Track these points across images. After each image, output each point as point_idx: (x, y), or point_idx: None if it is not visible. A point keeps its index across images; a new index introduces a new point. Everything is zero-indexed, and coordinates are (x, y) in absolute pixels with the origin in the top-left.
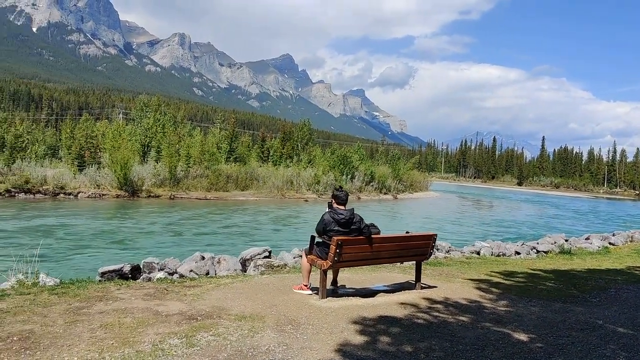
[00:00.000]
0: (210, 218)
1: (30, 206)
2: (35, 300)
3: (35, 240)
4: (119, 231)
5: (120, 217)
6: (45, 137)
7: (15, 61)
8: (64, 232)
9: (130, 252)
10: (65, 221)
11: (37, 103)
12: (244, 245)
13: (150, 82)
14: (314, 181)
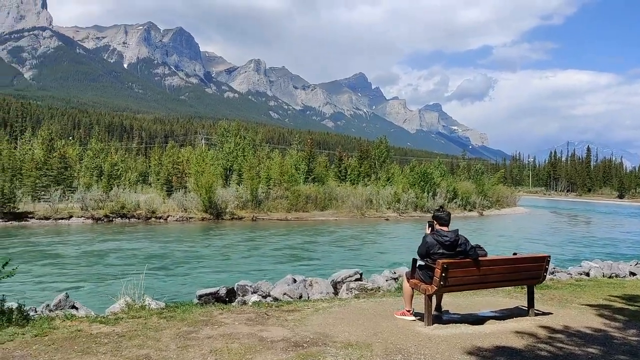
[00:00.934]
0: (292, 239)
1: (126, 230)
2: (146, 324)
3: (136, 262)
4: (207, 253)
5: (206, 239)
6: (136, 164)
7: (109, 95)
8: (156, 254)
9: (221, 274)
10: (157, 244)
11: (129, 133)
12: (328, 265)
13: (229, 108)
14: (393, 199)
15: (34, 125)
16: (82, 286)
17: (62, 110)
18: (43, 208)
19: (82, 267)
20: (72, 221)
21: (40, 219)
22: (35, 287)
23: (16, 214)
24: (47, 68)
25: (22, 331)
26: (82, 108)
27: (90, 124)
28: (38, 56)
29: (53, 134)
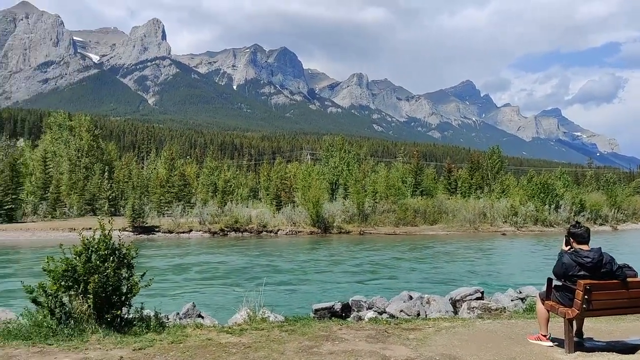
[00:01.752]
0: (401, 253)
1: (240, 243)
2: (269, 337)
3: (251, 274)
4: (316, 267)
5: (315, 253)
6: (247, 180)
7: (220, 116)
8: (268, 267)
9: (331, 287)
10: (268, 257)
11: (239, 151)
12: (442, 281)
13: (333, 123)
14: (510, 213)
15: (157, 147)
16: (204, 296)
17: (180, 131)
18: (167, 222)
19: (203, 278)
20: (192, 235)
21: (165, 232)
22: (165, 296)
23: (145, 227)
24: (167, 93)
25: (160, 338)
26: (198, 129)
27: (205, 143)
28: (159, 83)
29: (174, 154)
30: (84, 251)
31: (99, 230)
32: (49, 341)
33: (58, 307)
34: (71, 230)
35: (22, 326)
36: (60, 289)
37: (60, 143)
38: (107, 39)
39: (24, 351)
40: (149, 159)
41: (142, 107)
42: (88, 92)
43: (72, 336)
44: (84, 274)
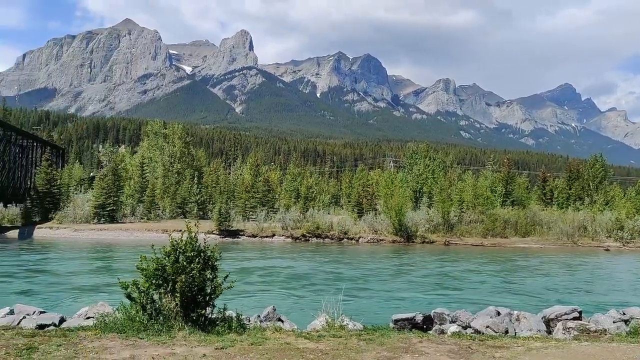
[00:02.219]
0: (489, 266)
1: (321, 249)
2: (347, 345)
3: (331, 280)
4: (396, 276)
5: (396, 262)
6: (329, 187)
7: (304, 124)
8: (348, 274)
9: (411, 298)
10: (348, 264)
11: (322, 157)
12: (534, 297)
13: (417, 130)
14: (615, 226)
15: (243, 153)
16: (284, 300)
17: (265, 139)
18: (251, 226)
19: (284, 282)
20: (275, 239)
21: (249, 236)
22: (247, 298)
23: (230, 231)
24: (253, 102)
25: (240, 339)
26: (282, 136)
27: (289, 150)
28: (246, 92)
29: (258, 160)
30: (172, 252)
31: (187, 233)
32: (140, 335)
33: (149, 303)
34: (164, 231)
35: (117, 319)
36: (151, 286)
37: (155, 149)
38: (199, 51)
39: (118, 343)
40: (236, 165)
41: (230, 116)
42: (181, 102)
43: (161, 331)
44: (172, 273)
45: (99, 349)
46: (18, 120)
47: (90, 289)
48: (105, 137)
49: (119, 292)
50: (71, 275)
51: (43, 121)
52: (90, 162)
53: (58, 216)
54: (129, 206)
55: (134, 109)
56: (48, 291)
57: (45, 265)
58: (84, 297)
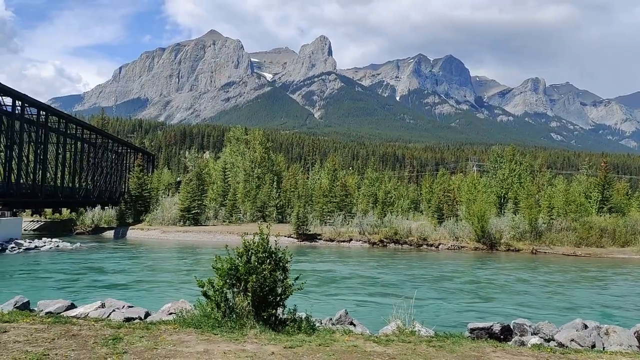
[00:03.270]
0: (580, 278)
1: (398, 255)
2: (415, 350)
3: (407, 287)
4: (477, 285)
5: (478, 270)
6: (408, 192)
7: (383, 128)
8: (426, 281)
9: (490, 307)
10: (427, 271)
11: (401, 162)
12: (629, 311)
13: (503, 132)
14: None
15: (321, 158)
16: (358, 304)
17: (343, 143)
18: (328, 231)
19: (359, 287)
20: (352, 244)
21: (327, 240)
22: (321, 300)
23: (308, 235)
24: (332, 107)
25: (309, 339)
26: (360, 141)
27: (367, 154)
28: (325, 97)
29: (336, 165)
30: (244, 253)
31: (268, 235)
32: (214, 331)
33: (223, 301)
34: (244, 234)
35: (194, 316)
36: (225, 285)
37: (237, 155)
38: (279, 58)
39: (194, 338)
40: (314, 169)
41: (309, 121)
42: (262, 108)
43: (233, 329)
44: (244, 273)
45: (177, 342)
46: (114, 128)
47: (175, 286)
48: (191, 144)
49: (198, 290)
50: (158, 274)
51: (136, 129)
52: (177, 168)
53: (148, 218)
54: (212, 209)
55: (218, 116)
56: (137, 287)
57: (136, 264)
58: (170, 294)
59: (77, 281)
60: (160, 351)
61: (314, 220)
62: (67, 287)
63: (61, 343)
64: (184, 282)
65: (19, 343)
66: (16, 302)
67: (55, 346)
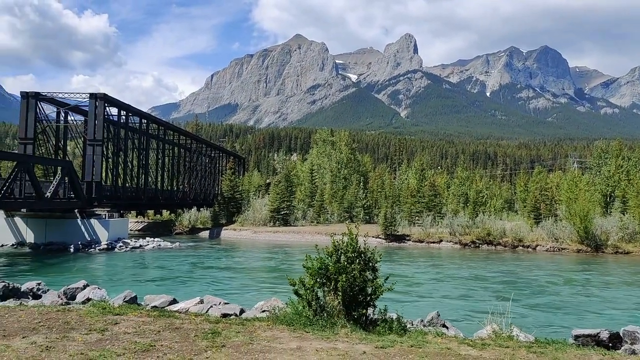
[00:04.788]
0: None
1: (492, 257)
2: (514, 356)
3: (501, 289)
4: (582, 289)
5: (580, 274)
6: (501, 191)
7: (473, 125)
8: (522, 284)
9: (594, 313)
10: (522, 274)
11: (493, 160)
12: None
13: (607, 126)
14: None
15: (408, 158)
16: (450, 306)
17: (431, 142)
18: (417, 231)
19: (450, 288)
20: (442, 245)
21: (415, 241)
22: (411, 302)
23: (396, 235)
24: (418, 105)
25: (401, 340)
26: (448, 139)
27: (456, 153)
28: (411, 96)
29: (424, 164)
30: (334, 252)
31: (358, 235)
32: (306, 329)
33: (314, 300)
34: (332, 234)
35: (286, 313)
36: (316, 284)
37: (324, 156)
38: (364, 58)
39: (287, 334)
40: (401, 169)
41: (395, 120)
42: (347, 110)
43: (325, 327)
44: (334, 272)
45: (271, 338)
46: (207, 134)
47: (266, 284)
48: (279, 146)
49: (289, 289)
50: (251, 272)
51: (227, 134)
52: (267, 170)
53: (240, 219)
54: (300, 210)
55: (304, 118)
56: (232, 285)
57: (230, 262)
58: (262, 292)
59: (177, 278)
60: (256, 346)
61: (401, 220)
62: (168, 283)
63: (166, 335)
64: (275, 280)
65: (129, 334)
66: (125, 296)
67: (160, 338)
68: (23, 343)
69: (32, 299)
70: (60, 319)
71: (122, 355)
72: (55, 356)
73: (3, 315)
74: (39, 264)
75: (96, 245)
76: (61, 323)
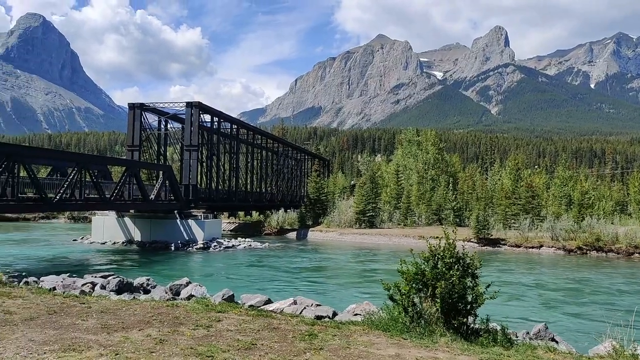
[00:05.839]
0: None
1: (602, 264)
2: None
3: (618, 302)
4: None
5: None
6: (611, 192)
7: (574, 120)
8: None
9: None
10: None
11: (600, 158)
12: None
13: None
14: None
15: (501, 157)
16: (556, 318)
17: (526, 140)
18: (513, 235)
19: (557, 298)
20: (543, 250)
21: (512, 246)
22: (510, 311)
23: (490, 239)
24: (511, 101)
25: (507, 353)
26: (546, 136)
27: (556, 151)
28: (502, 92)
29: (519, 164)
30: (431, 257)
31: (444, 239)
32: (403, 335)
33: (410, 306)
34: (420, 237)
35: (381, 319)
36: (412, 290)
37: (409, 157)
38: (450, 55)
39: (383, 340)
40: (493, 169)
41: (485, 118)
42: (433, 108)
43: (423, 335)
44: (431, 278)
45: (368, 344)
46: (292, 137)
47: (355, 287)
48: (363, 148)
49: (380, 293)
50: (339, 274)
51: (312, 136)
52: (351, 171)
53: (326, 220)
54: (386, 212)
55: (388, 119)
56: (321, 286)
57: (318, 264)
58: (352, 294)
59: (268, 278)
60: (353, 351)
61: (495, 224)
62: (260, 283)
63: (265, 334)
64: (363, 283)
65: (231, 332)
66: (224, 294)
67: (260, 337)
68: (140, 335)
69: (142, 294)
70: (170, 313)
71: (227, 352)
72: (168, 349)
73: (121, 308)
74: (146, 261)
75: (193, 244)
76: (171, 318)
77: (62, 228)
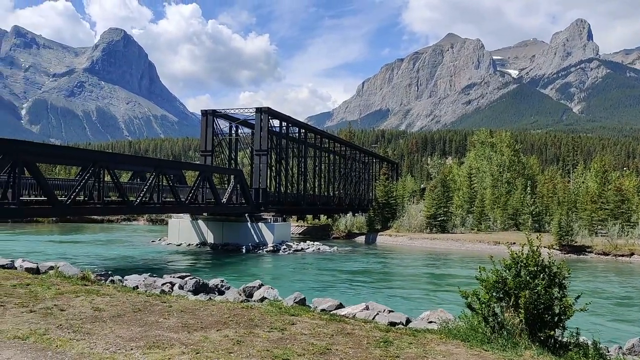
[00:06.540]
0: None
1: None
2: None
3: None
4: None
5: None
6: None
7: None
8: None
9: None
10: None
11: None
12: None
13: None
14: None
15: (585, 158)
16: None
17: (613, 139)
18: (601, 242)
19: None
20: (634, 259)
21: (599, 254)
22: (603, 325)
23: (574, 246)
24: (595, 99)
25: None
26: (636, 135)
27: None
28: (586, 89)
29: (606, 165)
30: (513, 265)
31: (527, 246)
32: (484, 346)
33: (491, 316)
34: (496, 243)
35: (459, 328)
36: (492, 299)
37: (483, 159)
38: (526, 51)
39: (463, 351)
40: (576, 172)
41: (566, 117)
42: (507, 108)
43: (505, 347)
44: (514, 287)
45: (446, 353)
46: (360, 140)
47: (427, 293)
48: (433, 150)
49: (453, 300)
50: (410, 280)
51: (379, 139)
52: (420, 175)
53: (395, 225)
54: (458, 217)
55: (459, 120)
56: (392, 291)
57: (388, 269)
58: (424, 301)
59: (337, 282)
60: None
61: (580, 230)
62: (329, 287)
63: (339, 340)
64: (435, 289)
65: (305, 335)
66: (295, 297)
67: (334, 342)
68: (218, 335)
69: (217, 294)
70: (245, 315)
71: (303, 356)
72: (245, 350)
73: (199, 309)
74: (218, 262)
75: (263, 247)
76: (246, 319)
77: (142, 230)
